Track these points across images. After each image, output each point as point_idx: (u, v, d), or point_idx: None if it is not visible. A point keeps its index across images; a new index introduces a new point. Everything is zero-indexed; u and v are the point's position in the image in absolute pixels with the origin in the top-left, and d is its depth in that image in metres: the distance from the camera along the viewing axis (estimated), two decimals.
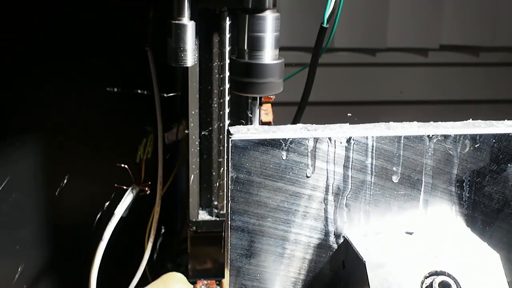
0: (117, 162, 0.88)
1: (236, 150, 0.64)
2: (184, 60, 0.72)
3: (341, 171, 0.67)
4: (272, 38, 0.71)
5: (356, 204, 0.69)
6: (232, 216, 0.66)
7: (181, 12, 0.70)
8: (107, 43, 0.94)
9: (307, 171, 0.66)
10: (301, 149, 0.65)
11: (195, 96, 0.86)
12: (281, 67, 0.73)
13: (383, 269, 0.64)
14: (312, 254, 0.70)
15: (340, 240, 0.70)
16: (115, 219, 0.85)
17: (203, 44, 0.83)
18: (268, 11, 0.70)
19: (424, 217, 0.71)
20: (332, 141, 0.66)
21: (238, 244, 0.67)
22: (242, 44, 0.72)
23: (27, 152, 0.96)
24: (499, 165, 0.71)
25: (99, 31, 0.93)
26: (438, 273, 0.64)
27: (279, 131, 0.65)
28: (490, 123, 0.71)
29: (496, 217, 0.73)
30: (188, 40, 0.71)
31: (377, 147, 0.67)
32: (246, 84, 0.72)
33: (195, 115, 0.86)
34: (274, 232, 0.68)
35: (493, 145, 0.70)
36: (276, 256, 0.69)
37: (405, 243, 0.68)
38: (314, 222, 0.68)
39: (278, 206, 0.67)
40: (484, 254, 0.67)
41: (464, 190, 0.71)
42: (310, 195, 0.67)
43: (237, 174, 0.65)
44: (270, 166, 0.65)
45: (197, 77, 0.85)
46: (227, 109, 0.87)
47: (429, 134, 0.68)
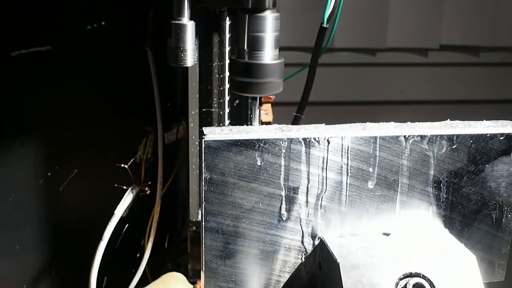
0: (117, 162, 0.88)
1: (209, 151, 0.64)
2: (184, 60, 0.72)
3: (316, 172, 0.67)
4: (272, 38, 0.71)
5: (332, 205, 0.68)
6: (206, 217, 0.66)
7: (181, 12, 0.70)
8: (107, 43, 0.94)
9: (281, 172, 0.66)
10: (275, 150, 0.65)
11: (195, 96, 0.86)
12: (281, 67, 0.73)
13: (357, 271, 0.63)
14: (289, 255, 0.69)
15: (316, 242, 0.69)
16: (115, 219, 0.85)
17: (203, 44, 0.83)
18: (268, 11, 0.70)
19: (401, 218, 0.71)
20: (306, 142, 0.66)
21: (213, 245, 0.67)
22: (242, 44, 0.72)
23: (27, 152, 0.96)
24: (476, 165, 0.70)
25: (99, 31, 0.93)
26: (413, 274, 0.64)
27: (253, 131, 0.65)
28: (468, 124, 0.71)
29: (475, 218, 0.72)
30: (188, 40, 0.71)
31: (352, 147, 0.67)
32: (246, 84, 0.72)
33: (195, 115, 0.86)
34: (249, 233, 0.67)
35: (471, 145, 0.69)
36: (251, 257, 0.68)
37: (381, 244, 0.68)
38: (289, 223, 0.68)
39: (252, 207, 0.66)
40: (461, 255, 0.67)
41: (441, 191, 0.71)
42: (285, 196, 0.67)
43: (211, 175, 0.64)
44: (244, 167, 0.65)
45: (197, 77, 0.85)
46: (227, 109, 0.87)
47: (405, 134, 0.68)
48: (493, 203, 0.72)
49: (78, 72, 0.94)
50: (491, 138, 0.70)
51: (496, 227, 0.73)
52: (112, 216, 0.85)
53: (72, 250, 1.02)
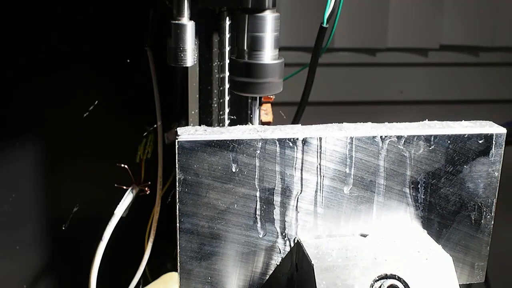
0: (117, 162, 0.88)
1: (183, 151, 0.63)
2: (183, 60, 0.72)
3: (292, 173, 0.66)
4: (272, 38, 0.71)
5: (308, 206, 0.68)
6: (181, 219, 0.65)
7: (181, 12, 0.71)
8: (107, 43, 0.94)
9: (256, 173, 0.65)
10: (249, 150, 0.64)
11: (195, 96, 0.86)
12: (281, 67, 0.73)
13: (332, 272, 0.63)
14: (265, 256, 0.69)
15: (293, 243, 0.69)
16: (115, 219, 0.85)
17: (203, 44, 0.83)
18: (268, 11, 0.70)
19: (378, 219, 0.70)
20: (281, 142, 0.65)
21: (188, 246, 0.66)
22: (242, 44, 0.72)
23: (27, 152, 0.96)
24: (454, 166, 0.70)
25: (99, 31, 0.93)
26: (388, 276, 0.63)
27: (227, 132, 0.65)
28: (445, 124, 0.71)
29: (453, 219, 0.72)
30: (187, 40, 0.71)
31: (328, 148, 0.66)
32: (246, 84, 0.72)
33: (195, 115, 0.86)
34: (224, 234, 0.67)
35: (448, 146, 0.69)
36: (227, 259, 0.68)
37: (357, 245, 0.68)
38: (265, 224, 0.67)
39: (227, 208, 0.66)
40: (437, 256, 0.66)
41: (419, 192, 0.70)
42: (260, 197, 0.66)
43: (185, 176, 0.64)
44: (219, 167, 0.64)
45: (197, 77, 0.85)
46: (227, 109, 0.87)
47: (382, 135, 0.67)
48: (471, 204, 0.72)
49: (78, 72, 0.94)
50: (469, 138, 0.69)
51: (475, 228, 0.73)
52: (112, 216, 0.85)
53: (72, 250, 1.02)
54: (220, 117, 0.88)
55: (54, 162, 0.98)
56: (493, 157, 0.71)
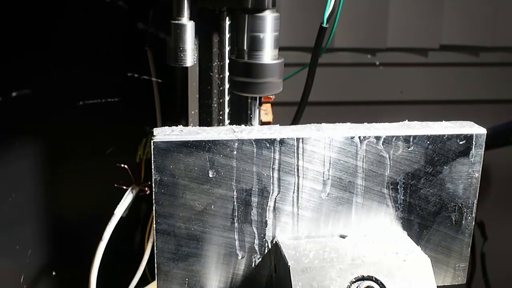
0: (117, 162, 0.88)
1: (159, 152, 0.63)
2: (183, 60, 0.72)
3: (269, 174, 0.66)
4: (272, 38, 0.71)
5: (286, 207, 0.68)
6: (158, 220, 0.65)
7: (181, 12, 0.71)
8: (107, 43, 0.94)
9: (233, 173, 0.65)
10: (226, 151, 0.64)
11: (195, 96, 0.86)
12: (281, 67, 0.73)
13: (308, 274, 0.63)
14: (244, 258, 0.68)
15: (271, 244, 0.69)
16: (115, 219, 0.85)
17: (203, 44, 0.83)
18: (268, 11, 0.70)
19: (357, 220, 0.70)
20: (258, 143, 0.65)
21: (165, 247, 0.66)
22: (242, 44, 0.72)
23: (27, 152, 0.96)
24: (434, 167, 0.69)
25: (99, 31, 0.93)
26: (365, 278, 0.63)
27: (204, 132, 0.65)
28: (425, 124, 0.70)
29: (433, 220, 0.72)
30: (187, 40, 0.71)
31: (306, 149, 0.66)
32: (245, 84, 0.72)
33: (195, 115, 0.86)
34: (202, 235, 0.66)
35: (428, 146, 0.68)
36: (205, 260, 0.67)
37: (335, 247, 0.67)
38: (243, 225, 0.67)
39: (204, 209, 0.66)
40: (415, 258, 0.66)
41: (398, 193, 0.70)
42: (238, 198, 0.66)
43: (161, 177, 0.64)
44: (195, 168, 0.64)
45: (197, 77, 0.85)
46: (226, 109, 0.87)
47: (360, 135, 0.67)
48: (452, 205, 0.71)
49: (77, 72, 0.94)
50: (448, 139, 0.69)
51: (456, 229, 0.72)
52: (112, 216, 0.85)
53: (72, 250, 1.02)
54: (220, 117, 0.88)
55: (54, 162, 0.98)
56: (473, 158, 0.70)
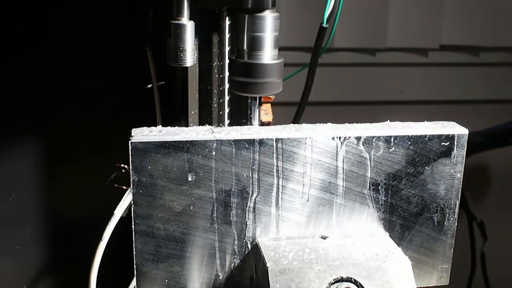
0: (117, 162, 0.88)
1: (137, 153, 0.63)
2: (183, 60, 0.72)
3: (249, 174, 0.65)
4: (272, 38, 0.71)
5: (266, 208, 0.67)
6: (136, 220, 0.65)
7: (181, 12, 0.71)
8: (107, 43, 0.94)
9: (212, 174, 0.65)
10: (205, 152, 0.64)
11: (194, 96, 0.86)
12: (281, 67, 0.73)
13: (286, 275, 0.62)
14: (225, 259, 0.68)
15: (252, 245, 0.68)
16: (115, 219, 0.85)
17: (203, 44, 0.83)
18: (268, 11, 0.70)
19: (339, 221, 0.69)
20: (237, 143, 0.64)
21: (144, 248, 0.66)
22: (242, 44, 0.72)
23: (27, 152, 0.96)
24: (416, 167, 0.69)
25: (99, 31, 0.93)
26: (344, 279, 0.63)
27: (182, 133, 0.64)
28: (407, 125, 0.70)
29: (415, 221, 0.71)
30: (187, 40, 0.71)
31: (285, 149, 0.65)
32: (245, 84, 0.72)
33: (195, 115, 0.87)
34: (181, 237, 0.66)
35: (409, 147, 0.68)
36: (185, 261, 0.67)
37: (315, 248, 0.67)
38: (223, 226, 0.67)
39: (184, 210, 0.65)
40: (395, 259, 0.66)
41: (380, 194, 0.69)
42: (217, 199, 0.66)
43: (139, 177, 0.63)
44: (174, 169, 0.64)
45: (197, 77, 0.85)
46: (226, 109, 0.87)
47: (340, 136, 0.66)
48: (434, 206, 0.71)
49: (77, 72, 0.95)
50: (430, 139, 0.68)
51: (438, 230, 0.72)
52: (112, 216, 0.85)
53: (72, 250, 1.02)
54: (220, 117, 0.88)
55: (54, 162, 0.98)
56: (455, 158, 0.69)
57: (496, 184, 2.02)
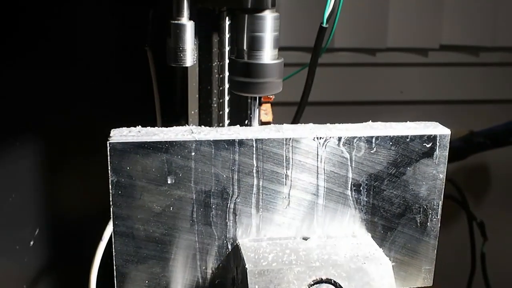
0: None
1: (115, 153, 0.62)
2: (183, 60, 0.72)
3: (229, 175, 0.65)
4: (272, 38, 0.71)
5: (247, 208, 0.67)
6: (115, 221, 0.64)
7: (180, 12, 0.70)
8: (107, 43, 0.94)
9: (192, 175, 0.64)
10: (184, 152, 0.63)
11: (194, 96, 0.86)
12: (281, 67, 0.73)
13: (265, 276, 0.62)
14: (205, 260, 0.68)
15: (232, 246, 0.68)
16: None
17: (203, 44, 0.83)
18: (268, 11, 0.70)
19: (320, 222, 0.69)
20: (216, 144, 0.64)
21: (123, 249, 0.65)
22: (241, 44, 0.71)
23: (27, 152, 0.96)
24: (398, 168, 0.68)
25: (99, 31, 0.93)
26: (324, 281, 0.63)
27: (161, 133, 0.64)
28: (389, 125, 0.69)
29: (398, 222, 0.71)
30: (187, 40, 0.71)
31: (265, 150, 0.65)
32: (245, 84, 0.72)
33: (195, 115, 0.86)
34: (161, 238, 0.65)
35: (390, 147, 0.67)
36: (165, 262, 0.66)
37: (296, 249, 0.66)
38: (203, 227, 0.66)
39: (163, 211, 0.65)
40: (375, 261, 0.65)
41: (361, 194, 0.69)
42: (197, 200, 0.65)
43: (118, 178, 0.63)
44: (153, 169, 0.63)
45: (197, 77, 0.85)
46: (226, 109, 0.87)
47: (321, 136, 0.66)
48: (416, 207, 0.70)
49: (77, 71, 0.95)
50: (412, 140, 0.68)
51: (421, 232, 0.71)
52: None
53: (72, 250, 1.02)
54: (220, 117, 0.88)
55: (54, 162, 0.98)
56: (437, 159, 0.69)
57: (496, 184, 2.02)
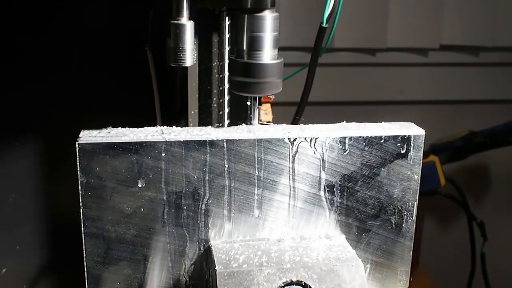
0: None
1: (84, 154, 0.62)
2: (183, 60, 0.72)
3: (200, 176, 0.64)
4: (271, 38, 0.71)
5: (219, 210, 0.66)
6: (85, 223, 0.64)
7: (180, 12, 0.70)
8: (107, 43, 0.94)
9: (162, 176, 0.63)
10: (154, 153, 0.63)
11: (194, 96, 0.86)
12: (280, 67, 0.73)
13: (235, 278, 0.61)
14: (179, 262, 0.67)
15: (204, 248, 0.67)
16: None
17: (203, 44, 0.83)
18: (267, 11, 0.70)
19: (294, 223, 0.68)
20: (187, 144, 0.63)
21: (94, 251, 0.65)
22: (241, 44, 0.71)
23: (27, 152, 0.96)
24: (371, 169, 0.68)
25: (99, 31, 0.93)
26: (294, 283, 0.62)
27: (131, 134, 0.63)
28: (363, 126, 0.69)
29: (373, 223, 0.70)
30: (187, 40, 0.71)
31: (237, 150, 0.64)
32: (245, 84, 0.72)
33: (195, 115, 0.86)
34: (132, 239, 0.65)
35: (364, 148, 0.67)
36: (136, 264, 0.66)
37: (268, 250, 0.66)
38: (175, 229, 0.65)
39: (134, 212, 0.64)
40: (347, 263, 0.64)
41: (335, 196, 0.68)
42: (168, 201, 0.64)
43: (87, 179, 0.62)
44: (122, 170, 0.63)
45: (197, 77, 0.85)
46: (226, 109, 0.87)
47: (293, 137, 0.65)
48: (391, 208, 0.70)
49: (77, 71, 0.95)
50: (386, 140, 0.67)
51: (396, 233, 0.71)
52: None
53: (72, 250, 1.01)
54: (220, 117, 0.88)
55: (54, 162, 0.98)
56: (411, 160, 0.68)
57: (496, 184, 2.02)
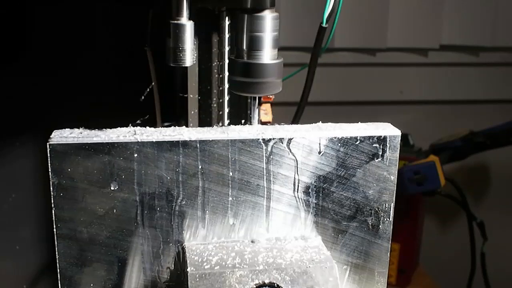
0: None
1: (56, 155, 0.61)
2: (182, 60, 0.72)
3: (173, 177, 0.64)
4: (271, 37, 0.71)
5: (193, 211, 0.66)
6: (58, 224, 0.63)
7: (180, 12, 0.70)
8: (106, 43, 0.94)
9: (135, 176, 0.63)
10: (126, 154, 0.62)
11: (194, 96, 0.86)
12: (280, 67, 0.73)
13: (206, 280, 0.61)
14: (155, 264, 0.67)
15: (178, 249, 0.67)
16: None
17: (202, 44, 0.83)
18: (267, 11, 0.70)
19: (268, 225, 0.68)
20: (159, 145, 0.63)
21: (67, 252, 0.64)
22: (241, 44, 0.71)
23: (27, 152, 0.96)
24: (347, 170, 0.67)
25: (98, 31, 0.93)
26: (266, 285, 0.62)
27: (103, 135, 0.63)
28: (338, 126, 0.68)
29: (349, 224, 0.70)
30: (186, 40, 0.71)
31: (210, 151, 0.64)
32: (245, 84, 0.72)
33: (195, 115, 0.86)
34: (105, 240, 0.65)
35: (339, 149, 0.67)
36: (110, 265, 0.66)
37: (241, 252, 0.66)
38: (148, 230, 0.65)
39: (106, 213, 0.64)
40: (321, 264, 0.64)
41: (310, 197, 0.68)
42: (141, 202, 0.64)
43: (59, 180, 0.62)
44: (94, 171, 0.62)
45: (197, 77, 0.85)
46: (226, 109, 0.87)
47: (266, 137, 0.65)
48: (368, 209, 0.69)
49: (77, 71, 0.95)
50: (361, 141, 0.67)
51: (373, 234, 0.71)
52: None
53: None
54: (220, 117, 0.88)
55: None
56: (388, 161, 0.68)
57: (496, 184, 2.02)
